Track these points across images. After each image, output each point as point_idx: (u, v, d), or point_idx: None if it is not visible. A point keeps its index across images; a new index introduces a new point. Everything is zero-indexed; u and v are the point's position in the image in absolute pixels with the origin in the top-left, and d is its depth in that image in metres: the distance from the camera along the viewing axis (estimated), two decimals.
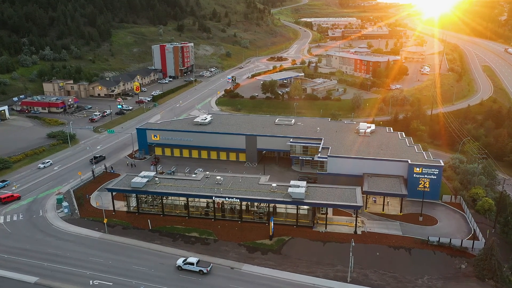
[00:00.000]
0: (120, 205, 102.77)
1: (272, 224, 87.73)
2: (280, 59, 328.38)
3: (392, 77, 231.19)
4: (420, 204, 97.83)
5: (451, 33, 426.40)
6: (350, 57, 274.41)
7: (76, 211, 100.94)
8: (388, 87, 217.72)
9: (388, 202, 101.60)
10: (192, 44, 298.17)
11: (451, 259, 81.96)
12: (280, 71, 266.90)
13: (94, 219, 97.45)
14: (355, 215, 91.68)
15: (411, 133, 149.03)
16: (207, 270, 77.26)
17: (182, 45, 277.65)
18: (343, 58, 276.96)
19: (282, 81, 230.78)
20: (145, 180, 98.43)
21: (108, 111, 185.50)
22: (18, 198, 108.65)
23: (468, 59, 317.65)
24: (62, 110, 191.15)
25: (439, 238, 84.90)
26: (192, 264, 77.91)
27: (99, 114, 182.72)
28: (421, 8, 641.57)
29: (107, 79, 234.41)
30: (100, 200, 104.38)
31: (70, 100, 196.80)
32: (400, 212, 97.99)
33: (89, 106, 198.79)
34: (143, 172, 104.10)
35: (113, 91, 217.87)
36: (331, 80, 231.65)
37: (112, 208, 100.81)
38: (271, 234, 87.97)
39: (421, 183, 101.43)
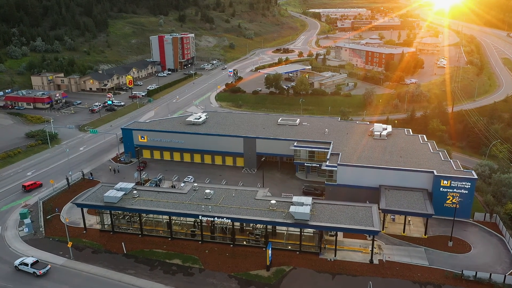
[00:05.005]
0: (94, 221, 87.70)
1: (270, 252, 72.00)
2: (286, 51, 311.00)
3: (406, 71, 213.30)
4: (447, 223, 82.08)
5: (462, 23, 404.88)
6: (361, 49, 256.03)
7: (41, 229, 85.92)
8: (402, 81, 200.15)
9: (409, 221, 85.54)
10: (193, 35, 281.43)
11: None
12: (286, 64, 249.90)
13: (61, 240, 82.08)
14: (370, 239, 75.86)
15: (430, 134, 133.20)
16: (40, 272, 71.40)
17: (182, 36, 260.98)
18: (354, 50, 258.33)
19: (287, 75, 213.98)
20: (120, 193, 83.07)
21: (109, 101, 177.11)
22: (40, 185, 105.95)
23: (486, 51, 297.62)
24: (48, 105, 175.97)
25: (476, 272, 68.61)
26: (26, 265, 72.69)
27: (99, 105, 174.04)
28: None
29: (100, 72, 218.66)
30: (70, 214, 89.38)
31: (57, 95, 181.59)
32: (425, 235, 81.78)
33: (78, 102, 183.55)
34: (120, 183, 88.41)
35: (105, 85, 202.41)
36: (340, 73, 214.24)
37: (83, 225, 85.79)
38: (268, 264, 72.28)
39: (449, 198, 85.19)
